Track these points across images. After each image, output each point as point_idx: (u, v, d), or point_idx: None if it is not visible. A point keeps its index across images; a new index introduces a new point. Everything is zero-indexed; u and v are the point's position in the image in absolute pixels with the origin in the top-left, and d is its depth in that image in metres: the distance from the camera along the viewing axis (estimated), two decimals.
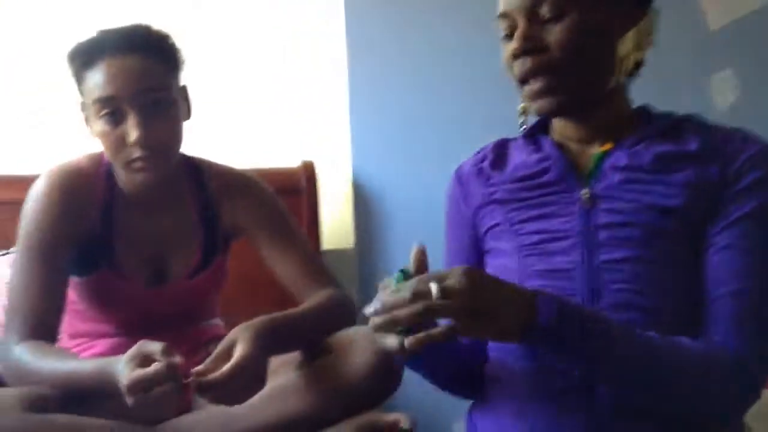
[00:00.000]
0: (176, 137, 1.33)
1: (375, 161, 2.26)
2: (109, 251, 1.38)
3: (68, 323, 1.41)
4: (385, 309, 0.80)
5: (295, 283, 1.41)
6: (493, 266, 1.03)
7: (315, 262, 1.46)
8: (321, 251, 2.07)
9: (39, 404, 1.18)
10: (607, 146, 0.98)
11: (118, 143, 1.27)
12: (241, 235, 1.48)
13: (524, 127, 1.02)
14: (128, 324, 1.40)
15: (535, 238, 0.97)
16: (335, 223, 2.23)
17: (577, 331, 0.83)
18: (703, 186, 0.92)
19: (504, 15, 0.95)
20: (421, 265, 0.86)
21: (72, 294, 1.39)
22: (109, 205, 1.38)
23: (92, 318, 1.42)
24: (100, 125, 1.27)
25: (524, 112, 1.00)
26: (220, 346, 1.14)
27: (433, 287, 0.78)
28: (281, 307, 1.29)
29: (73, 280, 1.39)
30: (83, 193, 1.35)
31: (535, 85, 0.94)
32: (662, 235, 0.91)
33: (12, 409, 1.14)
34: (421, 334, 0.79)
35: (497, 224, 1.02)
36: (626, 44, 0.93)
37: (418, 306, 0.78)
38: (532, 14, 0.92)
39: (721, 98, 2.46)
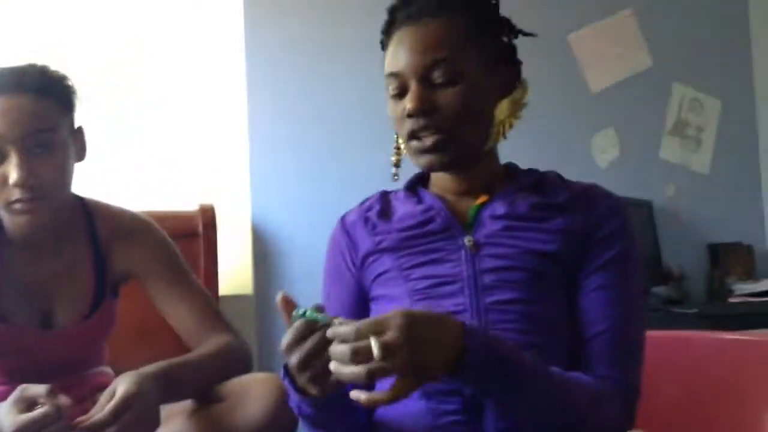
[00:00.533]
0: (61, 180, 1.30)
1: (275, 206, 2.27)
2: None
3: None
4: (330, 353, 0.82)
5: (188, 330, 1.38)
6: (382, 312, 1.01)
7: (209, 308, 1.42)
8: (218, 297, 2.05)
9: None
10: (483, 198, 1.05)
11: (0, 184, 1.24)
12: (133, 279, 1.44)
13: (396, 177, 1.09)
14: (13, 371, 1.34)
15: (425, 282, 1.01)
16: (234, 269, 2.22)
17: (498, 371, 0.87)
18: (572, 233, 1.00)
19: (395, 75, 1.01)
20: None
21: None
22: None
23: None
24: None
25: (397, 163, 1.08)
26: (105, 393, 1.11)
27: (374, 346, 0.79)
28: (176, 356, 1.27)
29: None
30: None
31: (426, 142, 1.00)
32: (542, 277, 0.99)
33: None
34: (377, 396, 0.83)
35: (386, 271, 1.05)
36: (502, 111, 1.02)
37: (360, 370, 0.79)
38: (425, 79, 0.99)
39: (601, 156, 2.64)
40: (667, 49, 2.67)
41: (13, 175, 1.22)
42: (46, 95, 1.26)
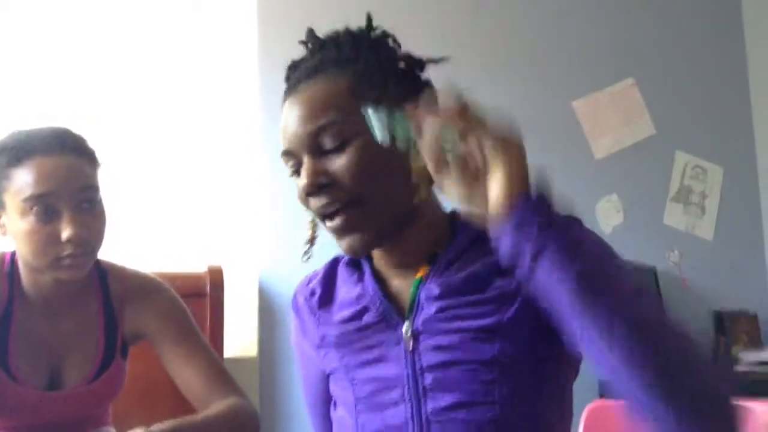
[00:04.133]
0: (103, 235, 1.35)
1: (284, 268, 2.27)
2: (3, 354, 1.33)
3: None
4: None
5: (195, 391, 1.38)
6: (336, 421, 0.97)
7: (218, 369, 1.43)
8: (223, 359, 2.04)
9: None
10: (422, 272, 0.90)
11: (49, 240, 1.27)
12: (143, 340, 1.45)
13: (307, 257, 0.96)
14: (16, 429, 1.33)
15: (368, 389, 0.90)
16: (239, 330, 2.21)
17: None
18: (510, 295, 0.85)
19: (287, 153, 0.90)
20: None
21: None
22: (9, 308, 1.34)
23: None
24: (27, 223, 1.27)
25: (311, 240, 0.95)
26: None
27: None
28: (181, 416, 1.26)
29: None
30: None
31: (336, 222, 0.88)
32: (492, 366, 0.84)
33: None
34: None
35: (335, 370, 0.95)
36: (420, 156, 0.82)
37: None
38: (315, 148, 0.87)
39: (606, 222, 2.66)
40: (670, 117, 2.71)
41: (68, 231, 1.26)
42: (83, 155, 1.33)
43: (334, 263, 1.01)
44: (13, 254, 1.37)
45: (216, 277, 2.11)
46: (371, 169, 0.86)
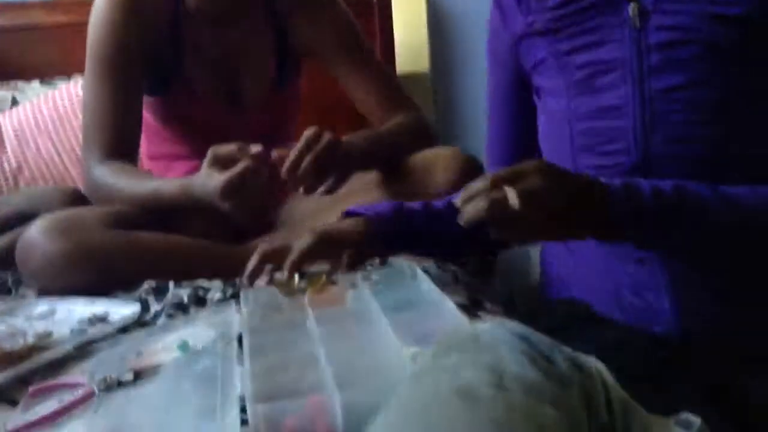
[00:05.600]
0: None
1: None
2: (179, 68, 1.34)
3: (147, 145, 1.41)
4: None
5: (372, 108, 1.39)
6: (542, 109, 0.96)
7: (393, 85, 1.42)
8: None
9: (122, 222, 1.20)
10: None
11: None
12: (314, 56, 1.42)
13: None
14: (206, 145, 1.39)
15: (584, 72, 0.88)
16: (409, 45, 2.13)
17: (653, 221, 0.76)
18: None
19: None
20: None
21: (149, 115, 1.39)
22: (177, 20, 1.33)
23: (169, 139, 1.42)
24: None
25: None
26: (301, 140, 1.10)
27: (511, 195, 0.70)
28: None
29: (148, 100, 1.37)
30: (148, 6, 1.30)
31: None
32: (725, 50, 0.80)
33: (96, 227, 1.16)
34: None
35: (543, 59, 0.93)
36: None
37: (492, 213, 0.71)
38: None
39: None
40: None
41: None
42: None
43: None
44: None
45: None
46: None
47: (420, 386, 0.50)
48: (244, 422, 0.67)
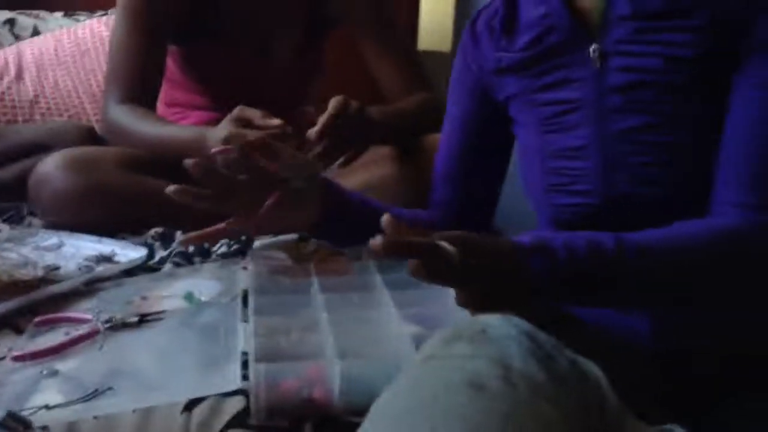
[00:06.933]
0: None
1: None
2: (211, 22, 1.35)
3: (165, 92, 1.42)
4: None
5: (389, 84, 1.40)
6: (519, 141, 0.96)
7: (413, 63, 1.43)
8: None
9: (138, 166, 1.21)
10: None
11: None
12: (342, 23, 1.43)
13: None
14: (225, 98, 1.39)
15: (551, 110, 0.88)
16: (434, 24, 2.13)
17: (575, 279, 0.72)
18: (719, 26, 0.78)
19: None
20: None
21: (171, 63, 1.39)
22: None
23: (190, 89, 1.43)
24: None
25: None
26: (330, 106, 1.10)
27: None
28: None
29: (173, 49, 1.38)
30: None
31: None
32: (680, 92, 0.80)
33: (112, 167, 1.18)
34: None
35: (515, 94, 0.93)
36: None
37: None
38: None
39: None
40: None
41: None
42: None
43: None
44: None
45: None
46: None
47: (430, 372, 0.52)
48: (244, 377, 0.70)
